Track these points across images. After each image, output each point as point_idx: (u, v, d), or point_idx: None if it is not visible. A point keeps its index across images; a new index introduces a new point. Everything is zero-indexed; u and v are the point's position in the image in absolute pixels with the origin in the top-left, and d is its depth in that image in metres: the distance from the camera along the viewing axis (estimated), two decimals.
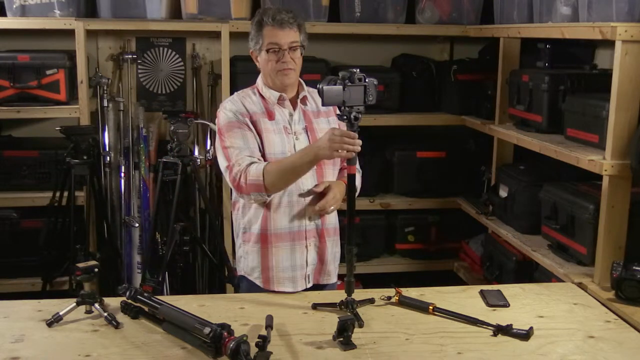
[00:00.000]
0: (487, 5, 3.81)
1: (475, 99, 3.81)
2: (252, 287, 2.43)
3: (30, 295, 2.52)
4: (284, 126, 2.35)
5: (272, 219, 2.34)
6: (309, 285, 2.42)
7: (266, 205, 2.33)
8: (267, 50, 2.29)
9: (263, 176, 2.19)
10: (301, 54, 2.36)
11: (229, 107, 2.35)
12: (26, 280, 3.61)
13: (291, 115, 2.38)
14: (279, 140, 2.32)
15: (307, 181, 2.34)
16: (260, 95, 2.39)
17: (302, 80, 2.44)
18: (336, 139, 2.08)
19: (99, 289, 3.42)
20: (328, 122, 2.42)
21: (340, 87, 2.04)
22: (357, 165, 2.41)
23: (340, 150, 2.08)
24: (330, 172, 2.39)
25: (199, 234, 3.83)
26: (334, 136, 2.08)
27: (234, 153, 2.26)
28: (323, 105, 2.09)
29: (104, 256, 3.57)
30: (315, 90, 2.48)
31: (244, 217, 2.41)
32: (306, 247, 2.38)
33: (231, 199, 2.50)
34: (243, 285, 2.49)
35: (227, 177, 2.31)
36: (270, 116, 2.35)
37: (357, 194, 2.48)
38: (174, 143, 3.39)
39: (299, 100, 2.40)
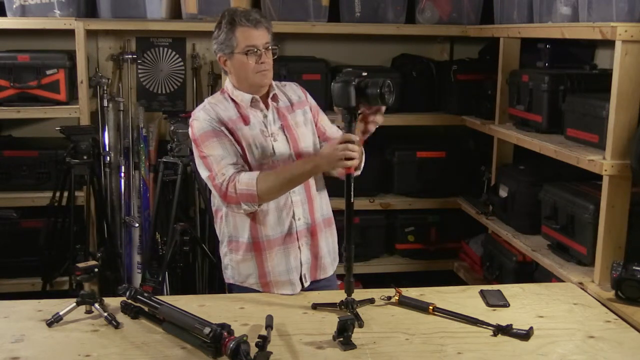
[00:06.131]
0: (487, 5, 3.81)
1: (475, 99, 3.80)
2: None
3: (30, 295, 2.52)
4: (260, 129, 2.29)
5: (261, 225, 2.28)
6: (307, 284, 2.37)
7: (252, 213, 2.27)
8: (246, 53, 2.22)
9: (256, 186, 2.14)
10: (274, 54, 2.30)
11: (202, 116, 2.26)
12: (26, 280, 3.61)
13: (265, 116, 2.32)
14: (258, 145, 2.27)
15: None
16: (232, 99, 2.32)
17: None
18: (339, 151, 2.05)
19: (99, 289, 3.42)
20: (304, 113, 2.39)
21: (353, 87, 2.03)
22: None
23: (340, 162, 2.06)
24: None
25: (199, 234, 3.83)
26: (337, 149, 2.05)
27: (215, 162, 2.20)
28: (336, 106, 2.06)
29: (104, 256, 3.57)
30: (284, 84, 2.45)
31: (228, 225, 2.34)
32: (299, 247, 2.34)
33: (212, 206, 2.41)
34: (234, 293, 2.42)
35: (210, 186, 2.25)
36: (246, 121, 2.28)
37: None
38: (174, 143, 3.39)
39: (269, 99, 2.33)
